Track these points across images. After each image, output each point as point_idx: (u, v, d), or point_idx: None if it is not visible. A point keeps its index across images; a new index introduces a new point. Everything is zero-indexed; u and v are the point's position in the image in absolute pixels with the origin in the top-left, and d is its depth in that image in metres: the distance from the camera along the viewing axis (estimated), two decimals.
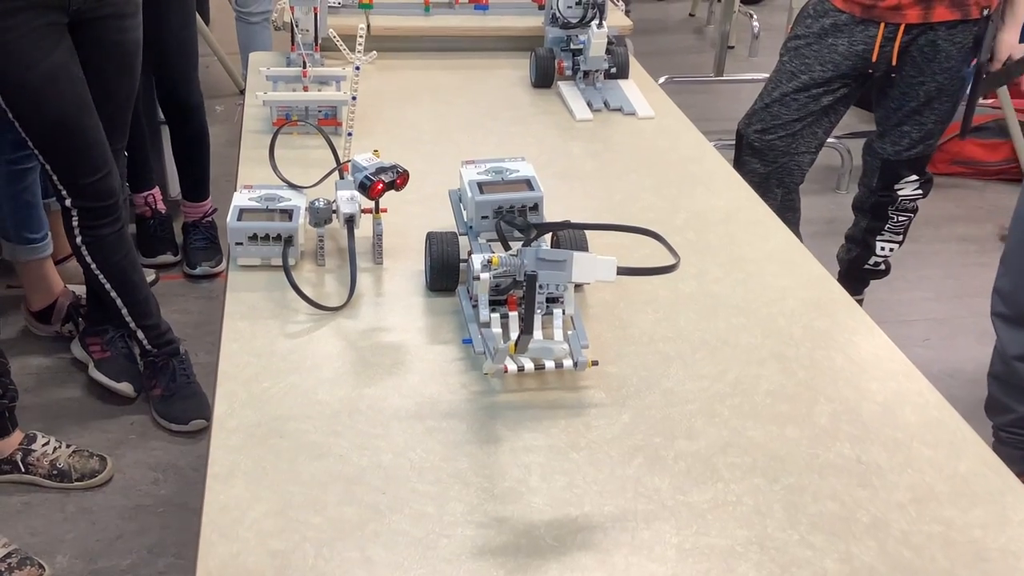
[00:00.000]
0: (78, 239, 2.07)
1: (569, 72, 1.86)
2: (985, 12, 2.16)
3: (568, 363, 1.09)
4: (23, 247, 2.36)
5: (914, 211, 2.42)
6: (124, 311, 2.20)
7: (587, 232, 1.23)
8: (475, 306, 1.14)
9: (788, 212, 2.56)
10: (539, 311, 1.08)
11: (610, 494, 0.95)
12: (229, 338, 1.14)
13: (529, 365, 1.08)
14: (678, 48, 5.10)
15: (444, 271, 1.21)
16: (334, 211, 1.28)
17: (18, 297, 2.57)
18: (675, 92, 4.14)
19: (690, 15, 5.59)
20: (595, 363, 1.10)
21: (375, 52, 1.99)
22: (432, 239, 1.22)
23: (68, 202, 2.01)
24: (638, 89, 1.85)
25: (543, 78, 1.87)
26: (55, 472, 2.11)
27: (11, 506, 2.07)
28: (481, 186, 1.22)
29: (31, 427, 2.22)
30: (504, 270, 1.05)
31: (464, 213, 1.26)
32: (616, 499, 0.94)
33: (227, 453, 0.97)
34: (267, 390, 1.06)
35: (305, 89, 1.68)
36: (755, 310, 1.24)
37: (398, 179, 1.24)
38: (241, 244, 1.25)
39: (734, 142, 2.41)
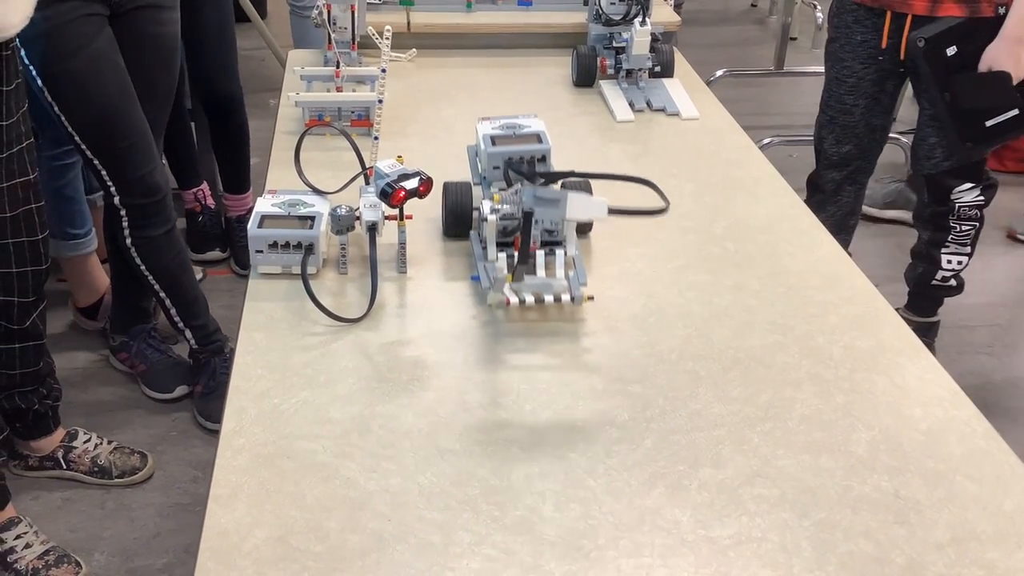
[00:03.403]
0: (127, 240, 2.06)
1: (612, 71, 1.81)
2: (1001, 10, 2.00)
3: (566, 297, 1.15)
4: (67, 243, 2.36)
5: (978, 219, 2.28)
6: (173, 311, 2.20)
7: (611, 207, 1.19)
8: (484, 247, 1.21)
9: (852, 217, 2.47)
10: (536, 243, 1.17)
11: (626, 526, 0.90)
12: (243, 350, 1.11)
13: (530, 299, 1.15)
14: (739, 40, 4.98)
15: (458, 218, 1.30)
16: (357, 218, 1.24)
17: (67, 292, 2.59)
18: (734, 85, 4.08)
19: (752, 5, 5.46)
20: (591, 298, 1.17)
21: (414, 50, 1.96)
22: (448, 189, 1.31)
23: (117, 200, 2.00)
24: (683, 88, 1.79)
25: (585, 77, 1.82)
26: (96, 469, 2.11)
27: (52, 502, 2.08)
28: (494, 139, 1.29)
29: (75, 422, 2.23)
30: (510, 211, 1.15)
31: (479, 165, 1.32)
32: (633, 532, 0.89)
33: (231, 474, 0.94)
34: (278, 406, 1.03)
35: (339, 89, 1.65)
36: (793, 327, 1.18)
37: (421, 186, 1.20)
38: (261, 252, 1.23)
39: (788, 138, 2.31)
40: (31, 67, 1.82)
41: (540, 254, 1.17)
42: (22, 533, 1.92)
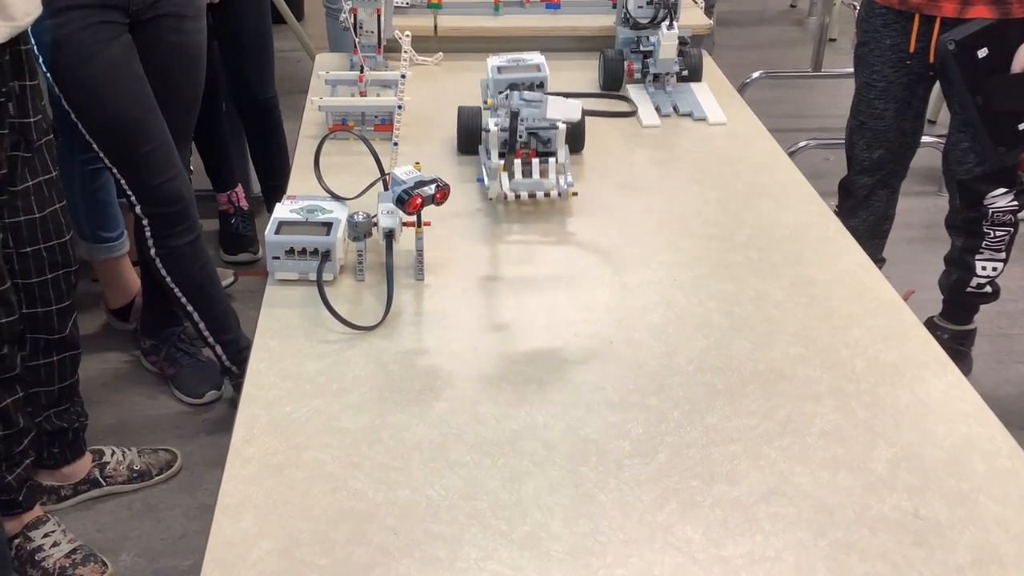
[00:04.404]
0: (152, 251, 2.05)
1: (639, 75, 1.79)
2: None
3: (554, 193, 1.37)
4: (99, 246, 2.39)
5: (1013, 225, 2.22)
6: (201, 325, 2.17)
7: None
8: (489, 156, 1.42)
9: (886, 222, 2.43)
10: (533, 152, 1.40)
11: (636, 543, 0.88)
12: (257, 357, 1.11)
13: (525, 195, 1.37)
14: (776, 41, 4.93)
15: (469, 135, 1.54)
16: (374, 224, 1.24)
17: (100, 293, 2.61)
18: (770, 87, 4.03)
19: (791, 6, 5.40)
20: (575, 193, 1.39)
21: (441, 53, 1.96)
22: (461, 112, 1.55)
23: (139, 209, 2.00)
24: (711, 93, 1.76)
25: (611, 81, 1.80)
26: (135, 475, 2.12)
27: (81, 502, 2.10)
28: (500, 68, 1.51)
29: (106, 422, 2.26)
30: (504, 119, 1.37)
31: (488, 92, 1.52)
32: (642, 549, 0.87)
33: (239, 484, 0.94)
34: (289, 415, 1.02)
35: (363, 94, 1.64)
36: (816, 339, 1.16)
37: (438, 193, 1.19)
38: (278, 258, 1.22)
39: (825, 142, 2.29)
40: (48, 74, 1.83)
41: (536, 162, 1.39)
42: (50, 532, 1.94)
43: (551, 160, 1.40)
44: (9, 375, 1.77)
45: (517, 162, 1.39)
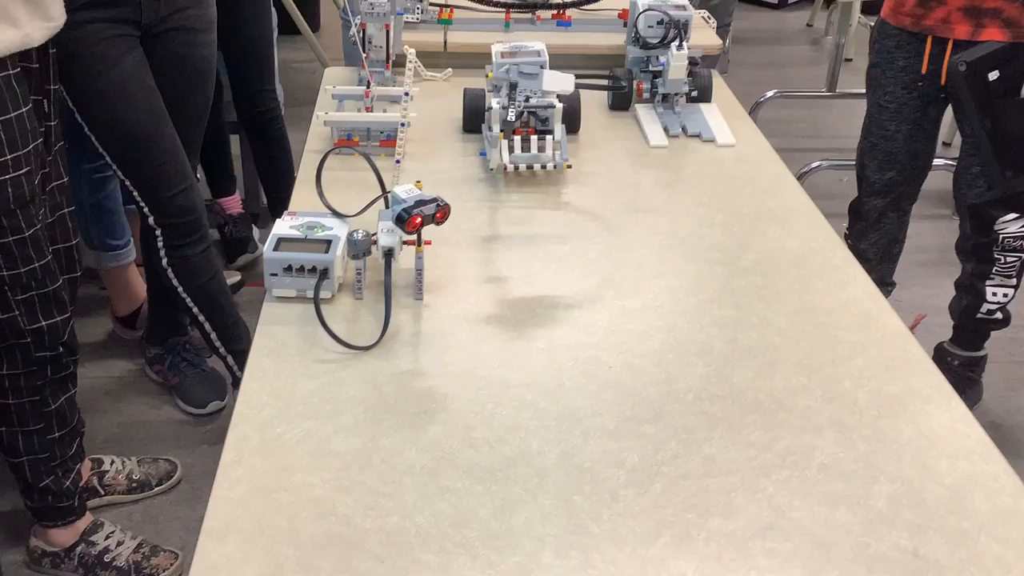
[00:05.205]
0: (163, 261, 2.05)
1: (648, 95, 1.77)
2: None
3: (551, 165, 1.50)
4: (106, 254, 2.39)
5: None
6: (213, 335, 2.17)
7: None
8: (491, 131, 1.53)
9: (896, 245, 2.41)
10: (516, 109, 1.51)
11: None
12: (251, 376, 1.09)
13: (523, 167, 1.50)
14: (793, 60, 4.91)
15: (474, 114, 1.66)
16: (374, 242, 1.22)
17: (107, 300, 2.61)
18: (785, 107, 4.01)
19: (808, 25, 5.39)
20: (569, 166, 1.53)
21: (450, 69, 1.95)
22: (467, 93, 1.68)
23: (151, 220, 2.00)
24: (720, 114, 1.74)
25: (620, 100, 1.79)
26: (135, 484, 2.11)
27: None
28: (502, 54, 1.58)
29: (109, 431, 2.25)
30: (505, 97, 1.49)
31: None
32: None
33: (226, 507, 0.92)
34: (280, 436, 1.01)
35: (368, 109, 1.63)
36: (819, 369, 1.14)
37: (438, 213, 1.18)
38: (276, 275, 1.21)
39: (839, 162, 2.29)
40: (61, 87, 1.83)
41: (534, 139, 1.51)
42: (110, 532, 1.95)
43: (548, 137, 1.51)
44: (66, 373, 1.79)
45: (517, 139, 1.50)
